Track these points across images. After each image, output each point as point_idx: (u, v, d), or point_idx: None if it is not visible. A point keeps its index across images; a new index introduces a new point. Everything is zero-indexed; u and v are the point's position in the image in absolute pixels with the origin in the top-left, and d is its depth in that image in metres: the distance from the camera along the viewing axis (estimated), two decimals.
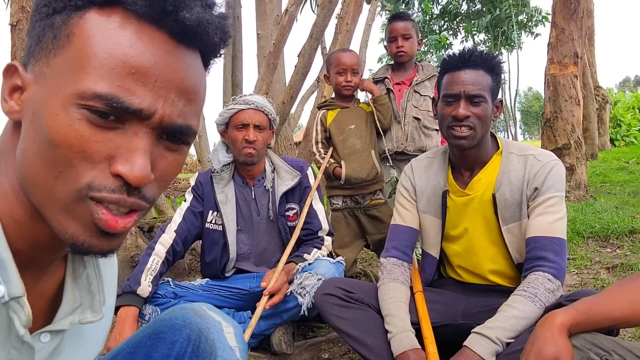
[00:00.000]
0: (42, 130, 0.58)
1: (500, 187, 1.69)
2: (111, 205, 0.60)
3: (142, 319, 2.02)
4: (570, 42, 5.51)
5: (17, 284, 0.61)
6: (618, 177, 7.46)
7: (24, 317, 0.62)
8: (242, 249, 2.32)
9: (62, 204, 0.60)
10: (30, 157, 0.60)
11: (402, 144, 2.79)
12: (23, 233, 0.65)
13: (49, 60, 0.60)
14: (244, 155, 2.20)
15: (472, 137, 1.65)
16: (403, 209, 1.90)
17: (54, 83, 0.59)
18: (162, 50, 0.60)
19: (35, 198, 0.62)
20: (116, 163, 0.59)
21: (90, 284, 0.75)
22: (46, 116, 0.58)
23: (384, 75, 2.94)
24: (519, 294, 1.50)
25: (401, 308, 1.65)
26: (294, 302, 2.05)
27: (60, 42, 0.59)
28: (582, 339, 1.22)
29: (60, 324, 0.70)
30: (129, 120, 0.60)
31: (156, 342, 0.92)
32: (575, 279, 2.86)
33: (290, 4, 3.56)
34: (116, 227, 0.61)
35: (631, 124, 15.63)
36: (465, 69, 1.66)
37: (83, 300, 0.74)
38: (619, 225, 3.73)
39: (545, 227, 1.60)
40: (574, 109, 5.51)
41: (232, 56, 5.64)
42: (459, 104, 1.64)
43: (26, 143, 0.60)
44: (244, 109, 2.19)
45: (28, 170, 0.60)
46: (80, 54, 0.58)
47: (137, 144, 0.60)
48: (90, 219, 0.60)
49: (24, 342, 0.64)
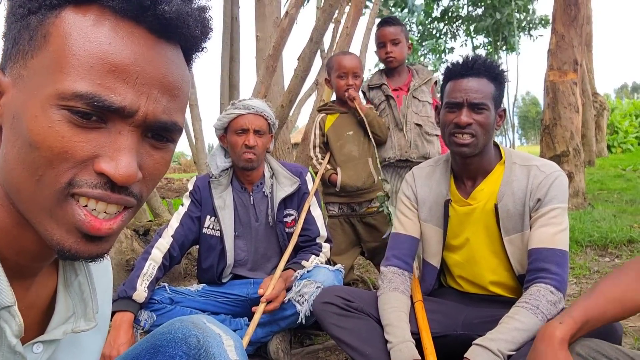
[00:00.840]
0: (22, 134, 0.56)
1: (503, 198, 1.68)
2: (97, 205, 0.58)
3: (137, 325, 2.00)
4: (570, 49, 5.52)
5: (6, 293, 0.60)
6: (615, 185, 7.48)
7: (15, 327, 0.61)
8: (239, 255, 2.30)
9: (46, 209, 0.58)
10: (11, 162, 0.58)
11: (405, 152, 2.76)
12: (9, 240, 0.63)
13: (26, 62, 0.58)
14: (243, 160, 2.17)
15: (474, 144, 1.64)
16: (404, 217, 1.88)
17: (32, 85, 0.57)
18: (142, 46, 0.58)
19: (19, 204, 0.60)
20: (100, 162, 0.57)
21: (83, 292, 0.74)
22: (26, 119, 0.56)
23: (380, 81, 2.90)
24: (521, 305, 1.49)
25: (401, 318, 1.63)
26: (292, 310, 2.03)
27: (36, 43, 0.57)
28: (587, 347, 1.22)
29: (53, 334, 0.69)
30: (111, 119, 0.58)
31: (155, 356, 0.91)
32: (574, 289, 2.85)
33: (291, 6, 3.54)
34: (100, 228, 0.59)
35: (628, 131, 15.71)
36: (469, 77, 1.65)
37: (76, 308, 0.73)
38: (617, 234, 3.73)
39: (548, 239, 1.58)
40: (573, 116, 5.52)
41: (230, 58, 5.61)
42: (462, 111, 1.64)
43: (7, 148, 0.59)
44: (243, 114, 2.17)
45: (10, 175, 0.59)
46: (58, 53, 0.56)
47: (121, 143, 0.58)
48: (72, 222, 0.58)
49: (16, 353, 0.63)
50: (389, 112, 2.83)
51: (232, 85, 5.59)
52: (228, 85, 5.52)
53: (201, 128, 5.35)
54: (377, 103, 2.88)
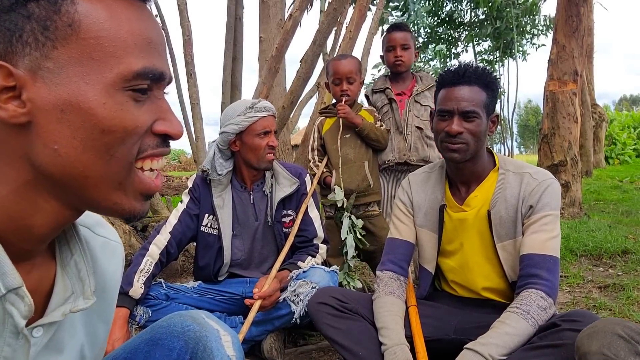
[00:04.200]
0: (86, 124, 0.59)
1: (496, 205, 1.70)
2: (153, 163, 0.66)
3: (133, 320, 2.01)
4: (570, 59, 5.55)
5: (13, 275, 0.60)
6: (612, 196, 7.51)
7: (24, 308, 0.62)
8: (236, 254, 2.31)
9: (116, 184, 0.63)
10: (72, 155, 0.59)
11: (404, 155, 2.77)
12: (15, 225, 0.63)
13: (47, 53, 0.57)
14: (267, 161, 2.23)
15: (465, 150, 1.68)
16: (400, 223, 1.90)
17: (74, 75, 0.58)
18: (149, 16, 0.65)
19: (82, 191, 0.63)
20: (158, 126, 0.65)
21: (80, 271, 0.73)
22: (90, 108, 0.58)
23: (384, 86, 2.93)
24: (512, 310, 1.51)
25: (396, 322, 1.65)
26: (286, 309, 2.05)
27: (59, 32, 0.57)
28: (628, 329, 1.18)
29: (52, 316, 0.69)
30: (152, 88, 0.64)
31: (154, 348, 0.92)
32: (568, 297, 2.87)
33: (295, 9, 3.56)
34: (159, 185, 0.68)
35: (626, 143, 15.76)
36: (460, 85, 1.68)
37: (74, 288, 0.72)
38: (612, 244, 3.75)
39: (539, 245, 1.61)
40: (571, 126, 5.55)
41: (233, 57, 5.62)
42: (453, 120, 1.67)
43: (59, 144, 0.59)
44: (265, 116, 2.19)
45: (72, 167, 0.60)
46: (100, 40, 0.59)
47: (165, 106, 0.66)
48: (139, 188, 0.65)
49: (19, 338, 0.63)
50: (391, 116, 2.84)
51: (234, 85, 5.60)
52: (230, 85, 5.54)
53: (202, 126, 5.34)
54: (380, 106, 2.89)
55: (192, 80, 5.14)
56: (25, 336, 0.64)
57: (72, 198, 0.64)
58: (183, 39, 5.07)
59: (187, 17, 5.19)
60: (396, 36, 2.84)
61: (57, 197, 0.63)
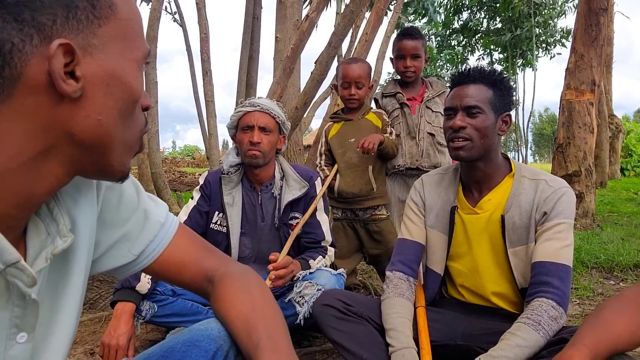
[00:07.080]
0: (124, 95, 0.67)
1: (510, 209, 1.68)
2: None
3: (139, 315, 2.02)
4: (588, 69, 5.49)
5: (9, 251, 0.61)
6: (626, 208, 7.41)
7: (27, 279, 0.64)
8: (244, 252, 2.31)
9: (128, 147, 0.72)
10: (111, 123, 0.66)
11: (416, 160, 2.76)
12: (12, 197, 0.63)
13: (94, 30, 0.62)
14: (248, 156, 2.20)
15: (469, 147, 1.67)
16: (411, 223, 1.89)
17: (113, 52, 0.65)
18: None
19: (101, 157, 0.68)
20: (144, 100, 0.74)
21: (52, 210, 0.73)
22: (128, 81, 0.67)
23: (395, 90, 2.91)
24: (523, 321, 1.48)
25: (405, 324, 1.64)
26: (291, 310, 2.04)
27: (103, 12, 0.63)
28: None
29: (37, 264, 0.69)
30: None
31: (191, 349, 0.94)
32: (577, 309, 2.83)
33: (312, 10, 3.56)
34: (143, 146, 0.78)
35: None
36: (465, 84, 1.71)
37: (49, 229, 0.72)
38: (624, 257, 3.70)
39: (552, 253, 1.58)
40: (587, 137, 5.49)
41: (249, 56, 5.65)
42: (456, 115, 1.69)
43: (102, 114, 0.65)
44: (250, 111, 2.20)
45: (107, 135, 0.66)
46: (131, 23, 0.68)
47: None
48: (137, 149, 0.74)
49: (26, 299, 0.66)
50: (402, 120, 2.83)
51: (249, 84, 5.63)
52: (245, 84, 5.56)
53: (216, 124, 5.37)
54: (391, 110, 2.88)
55: (207, 78, 5.17)
56: (35, 301, 0.68)
57: (86, 164, 0.68)
58: (200, 36, 5.10)
59: (205, 15, 5.22)
60: (407, 45, 2.81)
61: (69, 164, 0.66)
